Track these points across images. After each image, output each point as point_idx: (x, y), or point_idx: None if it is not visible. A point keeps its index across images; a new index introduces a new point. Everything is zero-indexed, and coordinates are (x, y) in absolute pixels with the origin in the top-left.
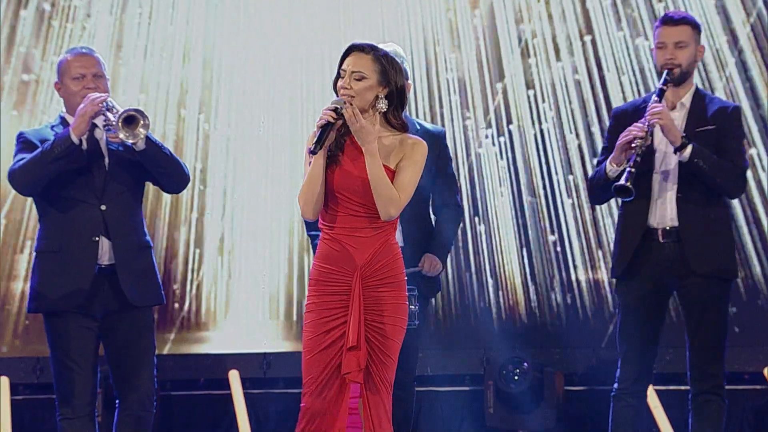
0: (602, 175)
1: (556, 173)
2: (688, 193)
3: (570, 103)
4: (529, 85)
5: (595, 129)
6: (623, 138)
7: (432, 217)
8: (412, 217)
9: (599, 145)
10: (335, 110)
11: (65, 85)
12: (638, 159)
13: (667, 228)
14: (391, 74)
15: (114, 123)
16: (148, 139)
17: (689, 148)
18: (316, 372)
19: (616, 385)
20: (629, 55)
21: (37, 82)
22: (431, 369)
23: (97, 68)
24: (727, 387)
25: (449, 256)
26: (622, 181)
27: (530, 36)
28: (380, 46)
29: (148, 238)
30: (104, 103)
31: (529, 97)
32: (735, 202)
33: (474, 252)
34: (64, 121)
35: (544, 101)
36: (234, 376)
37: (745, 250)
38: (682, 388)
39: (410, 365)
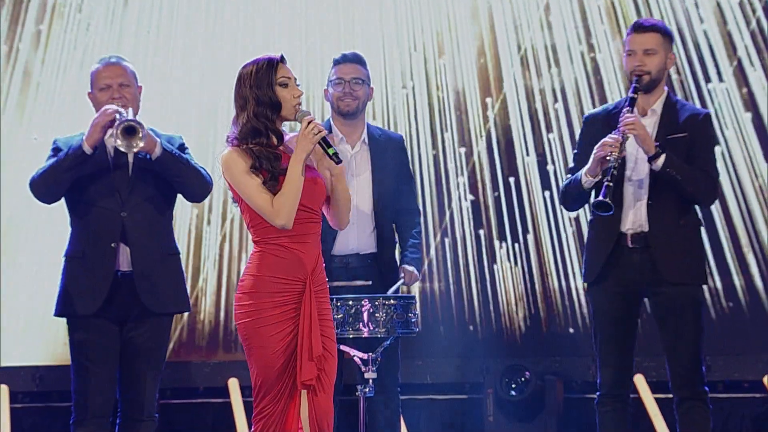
0: (577, 184)
1: (556, 182)
2: (659, 200)
3: (567, 112)
4: (528, 94)
5: None
6: (598, 151)
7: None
8: (387, 223)
9: None
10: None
11: (95, 95)
12: (614, 172)
13: (638, 234)
14: None
15: (114, 133)
16: (162, 148)
17: (662, 158)
18: (274, 380)
19: (597, 393)
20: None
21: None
22: (431, 377)
23: (124, 78)
24: (726, 395)
25: (449, 264)
26: (600, 197)
27: (529, 45)
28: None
29: (175, 244)
30: (118, 114)
31: (529, 107)
32: (733, 209)
33: (473, 259)
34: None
35: (543, 111)
36: (233, 384)
37: (745, 258)
38: None
39: (395, 370)
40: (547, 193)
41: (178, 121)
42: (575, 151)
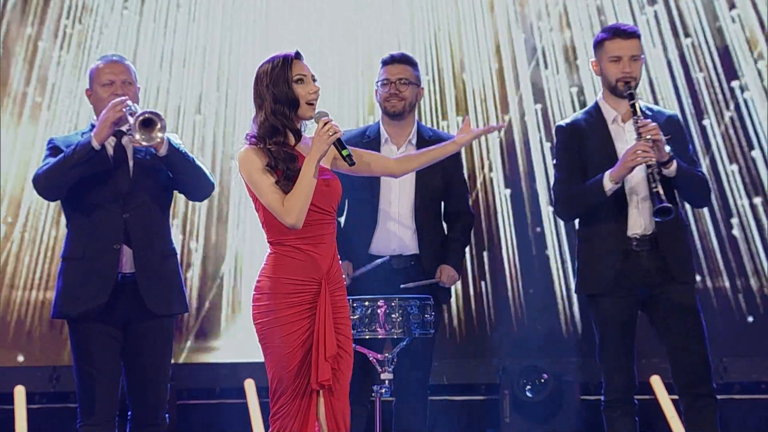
0: (597, 191)
1: None
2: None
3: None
4: (540, 95)
5: None
6: (630, 160)
7: (443, 224)
8: (430, 225)
9: None
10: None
11: (95, 92)
12: (659, 177)
13: (644, 236)
14: None
15: (132, 125)
16: (170, 144)
17: (675, 163)
18: (290, 379)
19: (604, 397)
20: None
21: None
22: (447, 378)
23: (127, 75)
24: (743, 396)
25: (468, 263)
26: (662, 203)
27: (547, 44)
28: None
29: (173, 245)
30: (127, 108)
31: (544, 107)
32: (753, 209)
33: (490, 259)
34: (92, 128)
35: (560, 110)
36: (250, 385)
37: (760, 260)
38: None
39: (425, 374)
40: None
41: (193, 121)
42: (558, 161)
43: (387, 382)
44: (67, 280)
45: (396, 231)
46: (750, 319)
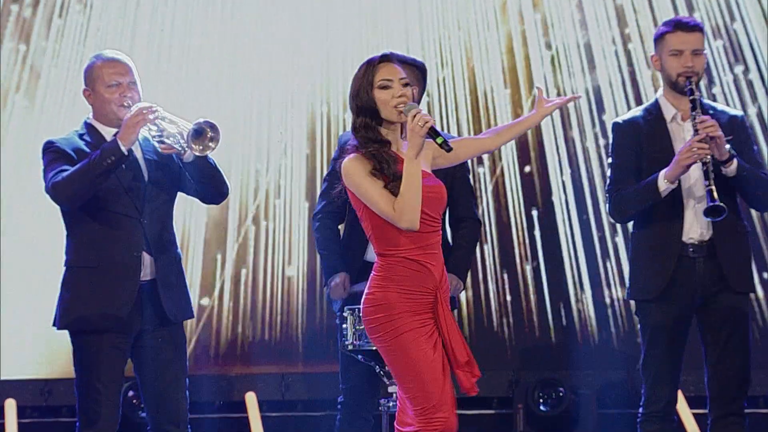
0: (651, 192)
1: (590, 186)
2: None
3: (601, 113)
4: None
5: None
6: (685, 158)
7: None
8: None
9: None
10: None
11: (97, 92)
12: (713, 175)
13: (701, 242)
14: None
15: (176, 135)
16: None
17: (735, 162)
18: (441, 385)
19: (642, 409)
20: None
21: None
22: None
23: (131, 76)
24: (759, 410)
25: (478, 271)
26: (714, 202)
27: (561, 43)
28: None
29: (179, 250)
30: (153, 114)
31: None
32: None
33: (501, 268)
34: (92, 129)
35: (576, 111)
36: (251, 399)
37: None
38: None
39: None
40: (579, 200)
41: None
42: (613, 161)
43: (395, 395)
44: (77, 289)
45: None
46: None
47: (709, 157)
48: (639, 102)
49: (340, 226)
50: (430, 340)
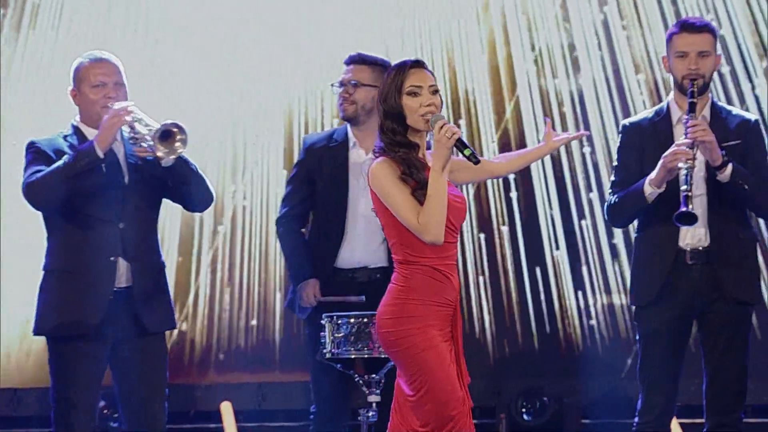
0: (638, 197)
1: (575, 191)
2: (718, 214)
3: (586, 115)
4: (543, 96)
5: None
6: (668, 161)
7: None
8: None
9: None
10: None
11: (83, 93)
12: (692, 181)
13: (698, 249)
14: None
15: (148, 139)
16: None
17: (729, 167)
18: (461, 399)
19: (637, 419)
20: (650, 62)
21: None
22: None
23: (118, 76)
24: (756, 420)
25: (459, 277)
26: (683, 208)
27: (544, 45)
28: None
29: (163, 258)
30: (131, 116)
31: (543, 108)
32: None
33: (483, 274)
34: (77, 131)
35: (559, 113)
36: (227, 408)
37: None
38: None
39: None
40: (564, 210)
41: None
42: (616, 163)
43: (374, 404)
44: (53, 294)
45: (364, 242)
46: (764, 337)
47: (692, 162)
48: (623, 104)
49: (303, 230)
50: (449, 356)
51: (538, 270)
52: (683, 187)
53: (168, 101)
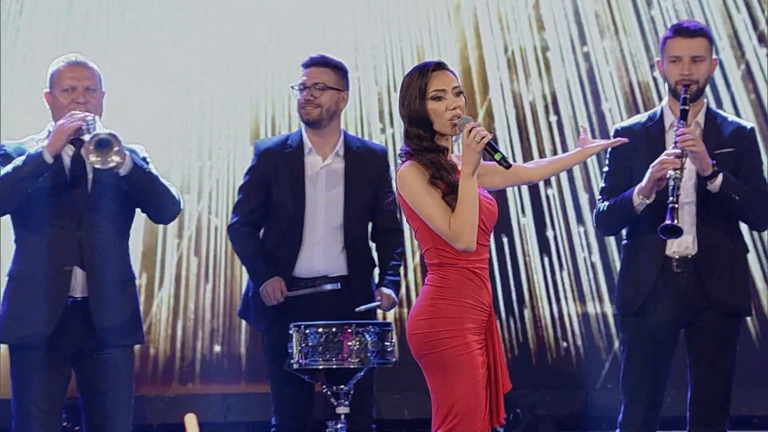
0: (627, 206)
1: (546, 197)
2: (707, 222)
3: (560, 119)
4: (516, 99)
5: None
6: (656, 171)
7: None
8: (359, 245)
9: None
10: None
11: (54, 96)
12: (679, 192)
13: (686, 257)
14: None
15: (86, 146)
16: (133, 163)
17: (720, 177)
18: (480, 415)
19: (618, 431)
20: (624, 64)
21: None
22: (409, 412)
23: (91, 81)
24: None
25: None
26: (668, 221)
27: (517, 46)
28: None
29: (132, 271)
30: (86, 122)
31: (516, 111)
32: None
33: None
34: (49, 134)
35: (532, 116)
36: (191, 421)
37: (755, 285)
38: None
39: (369, 405)
40: (536, 211)
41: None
42: (607, 168)
43: (343, 417)
44: (14, 301)
45: (323, 251)
46: (741, 347)
47: (679, 172)
48: (597, 106)
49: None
50: (482, 366)
51: (511, 278)
52: (670, 199)
53: (132, 103)
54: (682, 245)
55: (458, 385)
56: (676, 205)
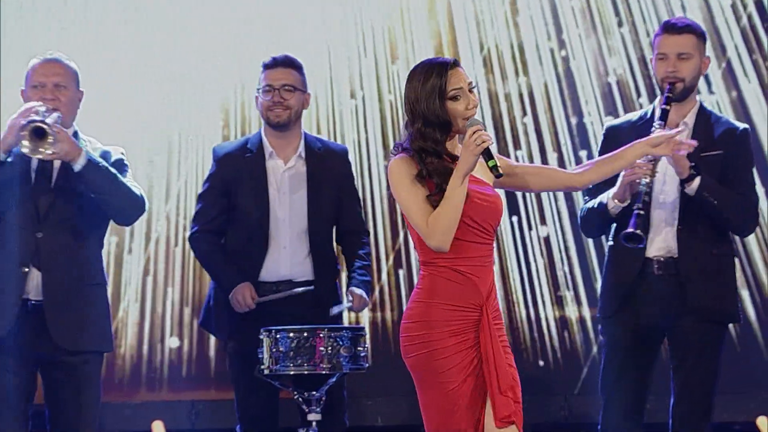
0: (602, 210)
1: (523, 200)
2: (690, 225)
3: (536, 117)
4: (492, 97)
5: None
6: (627, 174)
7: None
8: (325, 247)
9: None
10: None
11: (26, 93)
12: (646, 198)
13: (665, 259)
14: None
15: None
16: (88, 159)
17: (697, 181)
18: (455, 421)
19: None
20: (603, 62)
21: None
22: (382, 419)
23: (61, 78)
24: None
25: (403, 291)
26: (630, 228)
27: (493, 44)
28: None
29: (102, 275)
30: (36, 114)
31: (493, 113)
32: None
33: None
34: None
35: (508, 115)
36: (158, 428)
37: (738, 292)
38: None
39: (341, 412)
40: (514, 217)
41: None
42: None
43: (314, 424)
44: None
45: (289, 255)
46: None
47: (650, 177)
48: (575, 104)
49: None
50: (463, 367)
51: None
52: (636, 205)
53: (100, 100)
54: (664, 248)
55: (428, 391)
56: (642, 212)
